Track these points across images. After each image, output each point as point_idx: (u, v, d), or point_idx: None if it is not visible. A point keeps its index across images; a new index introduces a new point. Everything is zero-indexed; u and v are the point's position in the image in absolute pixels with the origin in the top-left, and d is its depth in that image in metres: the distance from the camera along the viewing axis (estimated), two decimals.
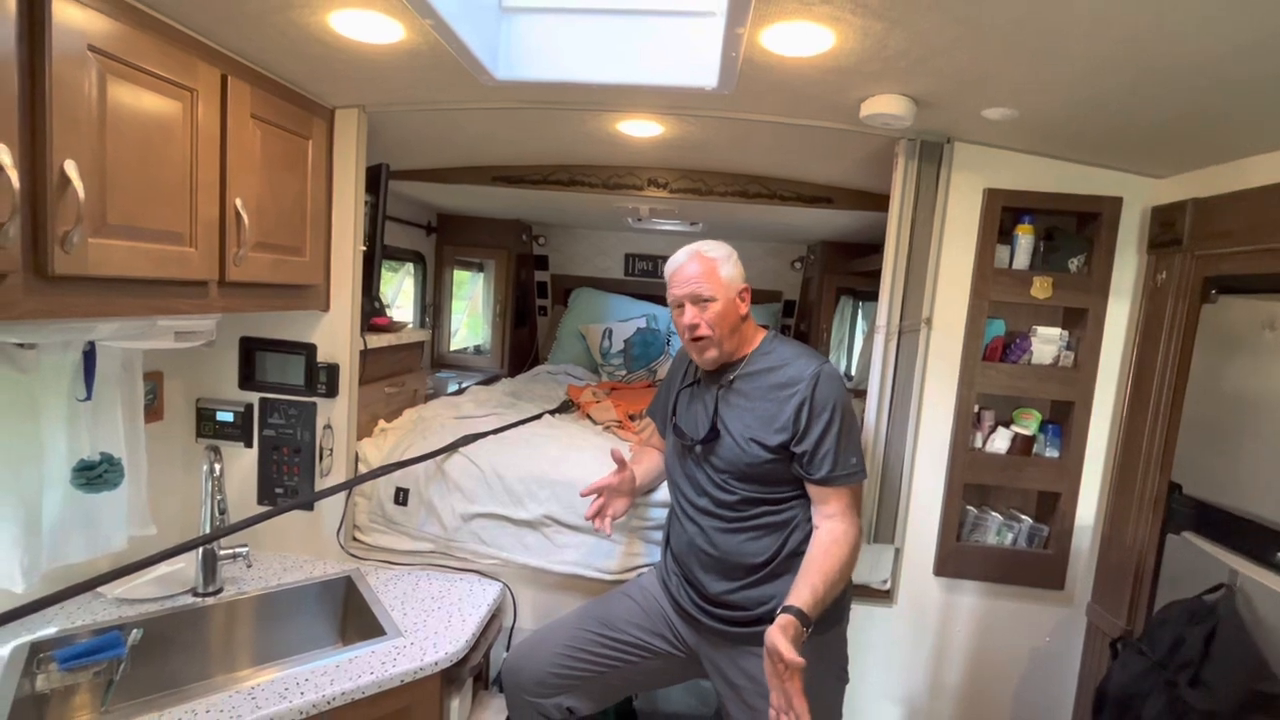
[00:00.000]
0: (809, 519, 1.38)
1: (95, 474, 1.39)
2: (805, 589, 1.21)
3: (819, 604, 1.20)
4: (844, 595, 1.46)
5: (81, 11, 0.98)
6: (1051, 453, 1.76)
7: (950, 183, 1.65)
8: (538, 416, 2.17)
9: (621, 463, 1.53)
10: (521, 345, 3.74)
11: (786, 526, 1.38)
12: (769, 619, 1.34)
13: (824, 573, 1.25)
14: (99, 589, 1.40)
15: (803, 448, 1.32)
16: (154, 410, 1.66)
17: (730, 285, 1.40)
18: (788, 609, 1.18)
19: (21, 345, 1.22)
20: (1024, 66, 1.17)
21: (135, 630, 1.38)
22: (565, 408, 2.45)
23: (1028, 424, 1.76)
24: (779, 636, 1.13)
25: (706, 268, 1.39)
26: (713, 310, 1.37)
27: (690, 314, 1.39)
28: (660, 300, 3.67)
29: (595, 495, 1.52)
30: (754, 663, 1.38)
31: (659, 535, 1.70)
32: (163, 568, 1.55)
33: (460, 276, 3.59)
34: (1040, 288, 1.68)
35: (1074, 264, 1.71)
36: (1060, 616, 1.78)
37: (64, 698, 1.31)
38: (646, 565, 1.72)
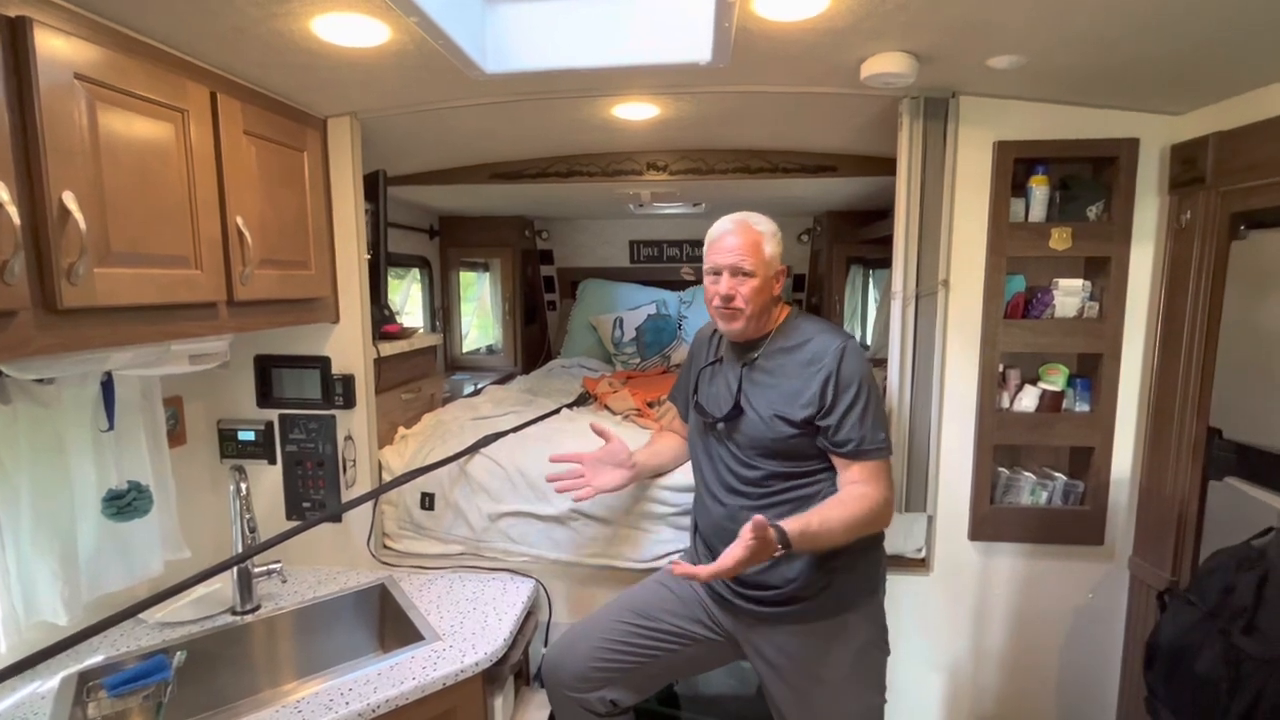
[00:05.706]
0: (835, 491, 1.36)
1: (125, 502, 1.40)
2: (799, 520, 1.20)
3: (805, 538, 1.19)
4: (879, 565, 1.45)
5: (65, 41, 0.97)
6: (1082, 407, 1.72)
7: (958, 139, 1.60)
8: (555, 411, 2.16)
9: (603, 434, 1.58)
10: (533, 341, 3.73)
11: (813, 500, 1.36)
12: (802, 596, 1.33)
13: (824, 516, 1.24)
14: (140, 614, 1.42)
15: (828, 421, 1.31)
16: (176, 435, 1.68)
17: (770, 264, 1.37)
18: (775, 525, 1.16)
19: (40, 381, 1.23)
20: (1029, 9, 1.12)
21: (179, 652, 1.39)
22: (582, 400, 2.43)
23: (1055, 379, 1.72)
24: (751, 524, 1.12)
25: (752, 240, 1.36)
26: (750, 285, 1.34)
27: (727, 284, 1.35)
28: (668, 285, 3.63)
29: (575, 467, 1.56)
30: (792, 641, 1.38)
31: (685, 521, 1.69)
32: (200, 589, 1.57)
33: (467, 278, 3.58)
34: (1059, 239, 1.63)
35: (1093, 211, 1.65)
36: (1102, 572, 1.74)
37: None
38: (676, 551, 1.71)
